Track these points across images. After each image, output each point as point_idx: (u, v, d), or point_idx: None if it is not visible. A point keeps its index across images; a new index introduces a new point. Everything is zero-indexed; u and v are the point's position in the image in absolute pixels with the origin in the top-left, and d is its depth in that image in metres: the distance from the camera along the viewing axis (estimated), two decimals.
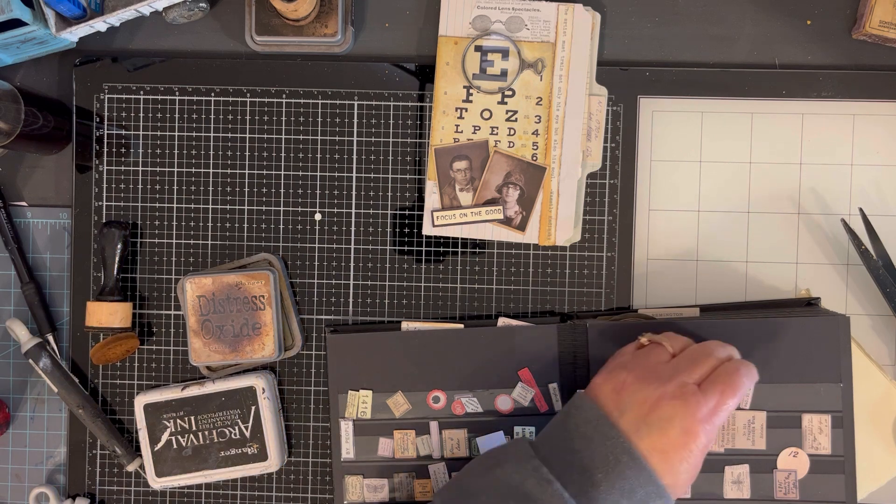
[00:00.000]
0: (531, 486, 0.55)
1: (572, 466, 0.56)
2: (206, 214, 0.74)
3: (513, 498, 0.55)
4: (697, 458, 0.57)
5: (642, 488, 0.55)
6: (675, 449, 0.56)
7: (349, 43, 0.74)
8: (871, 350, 0.72)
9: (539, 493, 0.55)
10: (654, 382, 0.58)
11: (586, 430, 0.57)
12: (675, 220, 0.73)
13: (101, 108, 0.74)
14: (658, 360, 0.60)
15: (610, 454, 0.56)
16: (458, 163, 0.72)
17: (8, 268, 0.76)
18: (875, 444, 0.69)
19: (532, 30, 0.71)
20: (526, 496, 0.55)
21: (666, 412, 0.56)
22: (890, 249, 0.70)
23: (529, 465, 0.57)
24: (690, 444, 0.56)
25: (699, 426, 0.56)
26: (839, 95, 0.72)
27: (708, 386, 0.58)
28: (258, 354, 0.71)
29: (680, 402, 0.56)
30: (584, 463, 0.56)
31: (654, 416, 0.56)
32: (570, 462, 0.56)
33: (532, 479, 0.56)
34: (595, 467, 0.56)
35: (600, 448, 0.56)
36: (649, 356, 0.61)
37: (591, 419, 0.58)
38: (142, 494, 0.74)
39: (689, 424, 0.56)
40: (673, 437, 0.56)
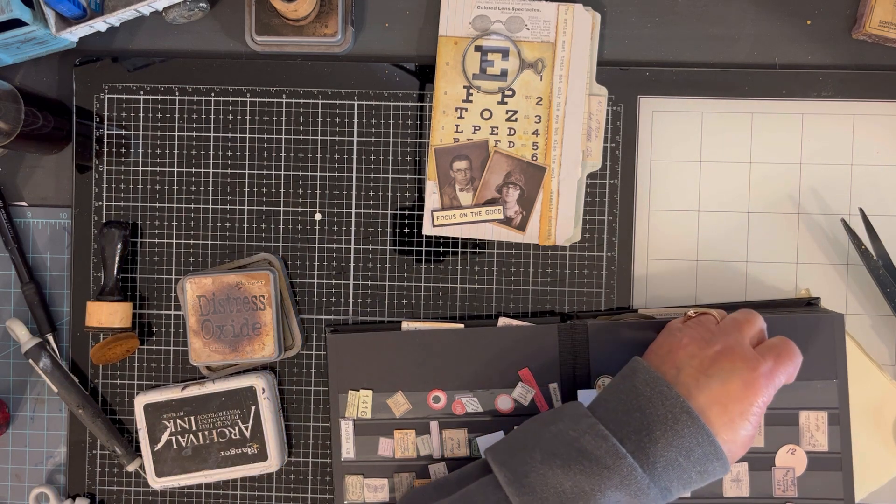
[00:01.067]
0: (587, 441, 0.55)
1: (629, 425, 0.56)
2: (206, 214, 0.74)
3: (568, 452, 0.55)
4: (756, 417, 0.57)
5: (700, 447, 0.55)
6: (735, 401, 0.56)
7: (349, 43, 0.74)
8: (871, 350, 0.72)
9: (594, 448, 0.55)
10: (711, 341, 0.59)
11: (644, 391, 0.57)
12: (675, 220, 0.73)
13: (101, 108, 0.74)
14: (709, 326, 0.61)
15: (669, 412, 0.56)
16: (458, 163, 0.72)
17: (8, 268, 0.76)
18: (875, 444, 0.69)
19: (532, 30, 0.71)
20: (581, 451, 0.55)
21: (725, 365, 0.57)
22: (890, 249, 0.70)
23: (585, 422, 0.57)
24: (751, 396, 0.56)
25: (760, 380, 0.57)
26: (839, 95, 0.72)
27: (764, 349, 0.59)
28: (258, 354, 0.71)
29: (739, 357, 0.57)
30: (642, 421, 0.56)
31: (715, 368, 0.57)
32: (627, 422, 0.56)
33: (588, 436, 0.56)
34: (653, 424, 0.55)
35: (659, 407, 0.56)
36: (700, 322, 0.62)
37: (648, 380, 0.58)
38: (142, 494, 0.75)
39: (749, 378, 0.56)
40: (733, 389, 0.56)
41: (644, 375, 0.58)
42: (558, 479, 0.55)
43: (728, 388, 0.56)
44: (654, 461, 0.55)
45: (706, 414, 0.56)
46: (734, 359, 0.57)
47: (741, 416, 0.56)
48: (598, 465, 0.54)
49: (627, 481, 0.54)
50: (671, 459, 0.55)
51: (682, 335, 0.60)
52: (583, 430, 0.56)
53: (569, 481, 0.54)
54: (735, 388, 0.56)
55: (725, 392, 0.56)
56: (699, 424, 0.55)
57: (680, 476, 0.55)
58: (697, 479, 0.56)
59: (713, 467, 0.56)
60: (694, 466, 0.55)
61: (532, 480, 0.55)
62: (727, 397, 0.56)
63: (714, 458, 0.56)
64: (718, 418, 0.56)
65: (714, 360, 0.58)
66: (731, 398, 0.56)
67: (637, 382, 0.58)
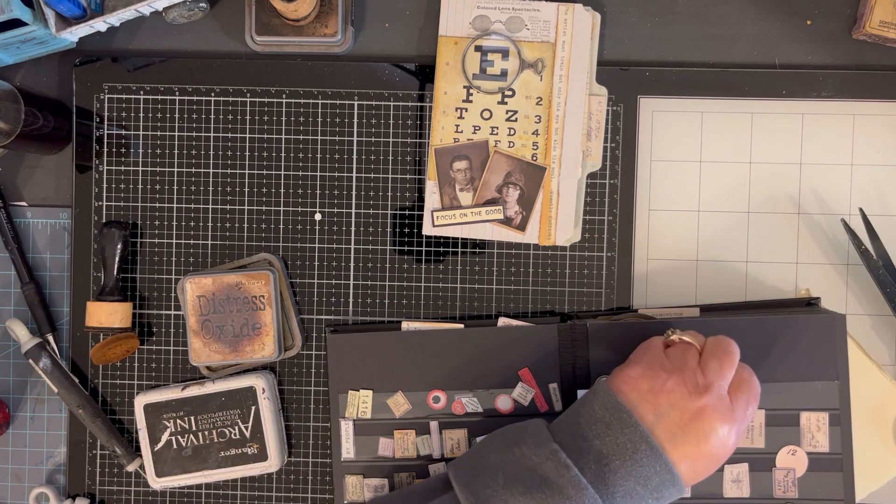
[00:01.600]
0: (549, 469, 0.56)
1: (589, 453, 0.57)
2: (206, 214, 0.74)
3: (531, 479, 0.56)
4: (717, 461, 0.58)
5: (657, 476, 0.56)
6: (706, 458, 0.57)
7: (349, 43, 0.74)
8: (871, 350, 0.72)
9: (556, 477, 0.55)
10: (694, 391, 0.58)
11: (604, 416, 0.58)
12: (675, 220, 0.73)
13: (101, 108, 0.74)
14: (694, 363, 0.60)
15: (629, 441, 0.56)
16: (458, 163, 0.72)
17: (8, 268, 0.76)
18: (875, 444, 0.69)
19: (532, 30, 0.71)
20: (543, 479, 0.55)
21: (706, 425, 0.57)
22: (890, 249, 0.70)
23: (547, 448, 0.57)
24: (722, 454, 0.57)
25: (735, 437, 0.57)
26: (839, 95, 0.72)
27: (735, 395, 0.59)
28: (258, 354, 0.71)
29: (719, 416, 0.57)
30: (602, 450, 0.56)
31: (694, 426, 0.57)
32: (587, 449, 0.57)
33: (550, 463, 0.56)
34: (613, 454, 0.56)
35: (619, 435, 0.56)
36: (686, 358, 0.60)
37: (609, 407, 0.58)
38: (142, 494, 0.74)
39: (727, 436, 0.57)
40: (707, 450, 0.57)
41: (606, 401, 0.58)
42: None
43: (702, 449, 0.57)
44: (614, 491, 0.56)
45: (662, 442, 0.56)
46: (714, 419, 0.57)
47: (707, 469, 0.57)
48: (559, 494, 0.55)
49: None
50: (629, 489, 0.56)
51: (667, 376, 0.58)
52: (545, 457, 0.56)
53: None
54: (710, 448, 0.57)
55: (700, 452, 0.57)
56: (657, 454, 0.56)
57: (637, 503, 0.56)
58: None
59: (669, 493, 0.57)
60: (651, 494, 0.56)
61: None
62: (700, 455, 0.57)
63: (671, 485, 0.57)
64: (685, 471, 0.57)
65: (695, 416, 0.57)
66: (703, 456, 0.57)
67: (597, 407, 0.58)
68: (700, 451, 0.57)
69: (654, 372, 0.59)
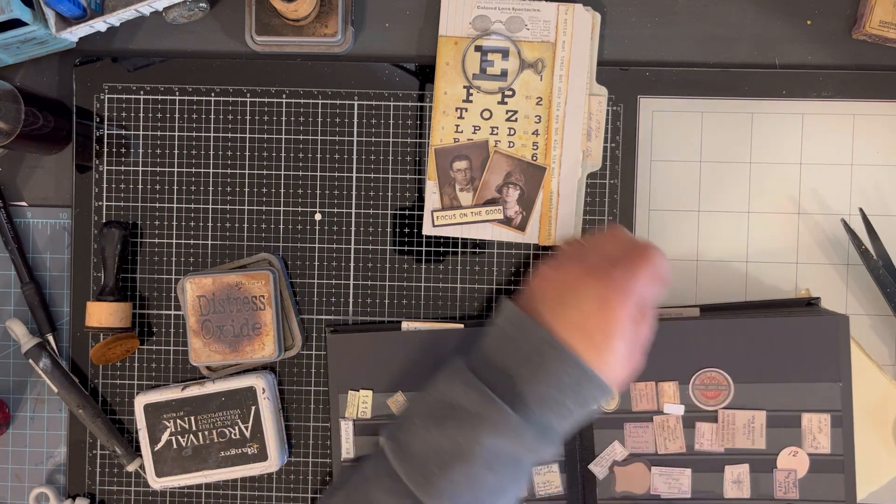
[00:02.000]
0: (459, 395, 0.55)
1: (500, 370, 0.55)
2: (206, 214, 0.74)
3: (443, 411, 0.55)
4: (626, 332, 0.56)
5: (569, 376, 0.54)
6: (593, 321, 0.55)
7: (349, 43, 0.74)
8: (871, 350, 0.72)
9: (465, 400, 0.54)
10: (568, 266, 0.57)
11: (510, 331, 0.56)
12: (675, 220, 0.73)
13: (101, 108, 0.74)
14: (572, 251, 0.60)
15: (534, 349, 0.55)
16: (458, 163, 0.72)
17: (8, 268, 0.76)
18: (875, 444, 0.69)
19: (532, 30, 0.71)
20: (453, 406, 0.54)
21: (579, 289, 0.56)
22: (890, 249, 0.70)
23: (459, 377, 0.56)
24: (607, 314, 0.55)
25: (613, 295, 0.55)
26: (839, 95, 0.72)
27: (618, 260, 0.57)
28: (258, 354, 0.71)
29: (592, 278, 0.56)
30: (510, 363, 0.55)
31: (569, 294, 0.56)
32: (497, 366, 0.56)
33: (460, 389, 0.55)
34: (521, 364, 0.55)
35: (524, 345, 0.55)
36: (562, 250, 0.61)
37: (513, 320, 0.57)
38: (142, 494, 0.74)
39: (603, 294, 0.55)
40: (588, 311, 0.55)
41: (509, 315, 0.57)
42: (436, 439, 0.54)
43: (583, 311, 0.55)
44: (526, 400, 0.54)
45: (571, 343, 0.54)
46: (587, 280, 0.56)
47: (604, 337, 0.55)
48: (469, 416, 0.53)
49: (500, 426, 0.53)
50: (543, 395, 0.54)
51: (545, 268, 0.58)
52: (456, 385, 0.55)
53: (445, 439, 0.53)
54: (590, 310, 0.55)
55: (581, 315, 0.55)
56: (564, 354, 0.54)
57: (557, 410, 0.55)
58: (576, 409, 0.55)
59: (590, 394, 0.55)
60: (568, 397, 0.54)
61: (414, 447, 0.55)
62: (585, 319, 0.55)
63: (587, 383, 0.54)
64: (582, 344, 0.55)
65: (567, 283, 0.56)
66: (587, 319, 0.55)
67: (502, 323, 0.57)
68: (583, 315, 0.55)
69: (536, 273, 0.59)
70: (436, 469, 0.53)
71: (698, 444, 0.69)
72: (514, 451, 0.53)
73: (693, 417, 0.69)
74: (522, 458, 0.54)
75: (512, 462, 0.54)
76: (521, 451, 0.54)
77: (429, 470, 0.53)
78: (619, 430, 0.69)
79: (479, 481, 0.53)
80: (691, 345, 0.68)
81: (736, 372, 0.68)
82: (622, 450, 0.69)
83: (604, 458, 0.69)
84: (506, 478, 0.54)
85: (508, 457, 0.53)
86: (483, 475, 0.53)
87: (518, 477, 0.55)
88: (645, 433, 0.69)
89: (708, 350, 0.68)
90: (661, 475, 0.69)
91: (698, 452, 0.69)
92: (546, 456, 0.55)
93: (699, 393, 0.68)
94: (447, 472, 0.53)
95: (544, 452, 0.55)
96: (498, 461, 0.53)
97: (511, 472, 0.54)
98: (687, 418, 0.69)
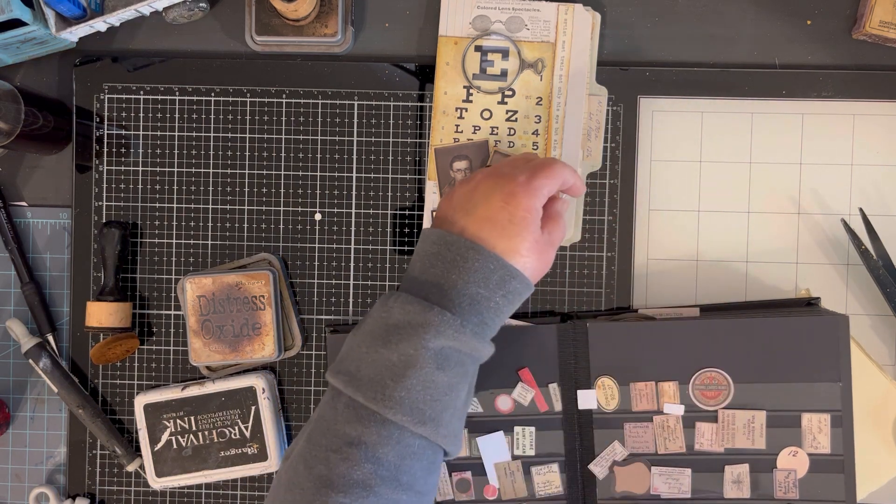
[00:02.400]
0: (397, 313, 0.58)
1: (429, 284, 0.59)
2: (206, 214, 0.74)
3: (385, 332, 0.58)
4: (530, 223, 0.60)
5: (494, 273, 0.59)
6: (499, 213, 0.59)
7: (349, 43, 0.74)
8: (871, 350, 0.72)
9: (404, 315, 0.57)
10: (476, 175, 0.63)
11: (432, 249, 0.60)
12: (675, 220, 0.73)
13: (101, 108, 0.74)
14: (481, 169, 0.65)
15: (457, 255, 0.59)
16: (458, 163, 0.72)
17: (8, 268, 0.76)
18: (875, 444, 0.69)
19: (532, 30, 0.71)
20: (395, 325, 0.58)
21: (486, 187, 0.61)
22: (890, 249, 0.70)
23: (392, 300, 0.59)
24: (512, 205, 0.59)
25: (518, 189, 0.60)
26: (839, 95, 0.72)
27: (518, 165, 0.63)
28: (258, 354, 0.71)
29: (498, 178, 0.61)
30: (438, 274, 0.59)
31: (477, 194, 0.61)
32: (427, 281, 0.59)
33: (396, 309, 0.58)
34: (448, 272, 0.59)
35: (447, 255, 0.59)
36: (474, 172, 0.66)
37: (433, 240, 0.60)
38: (142, 494, 0.74)
39: (508, 188, 0.60)
40: (495, 204, 0.59)
41: (430, 237, 0.61)
42: (385, 356, 0.57)
43: (490, 205, 0.60)
44: (459, 302, 0.58)
45: (481, 235, 0.59)
46: (493, 180, 0.61)
47: (510, 222, 0.59)
48: (410, 327, 0.57)
49: (441, 328, 0.57)
50: (473, 294, 0.58)
51: (457, 184, 0.63)
52: (392, 307, 0.58)
53: (394, 354, 0.57)
54: (496, 202, 0.59)
55: (489, 208, 0.60)
56: (484, 253, 0.58)
57: (487, 306, 0.59)
58: (504, 304, 0.59)
59: (514, 287, 0.59)
60: (495, 293, 0.59)
61: (364, 371, 0.57)
62: (491, 212, 0.59)
63: (511, 279, 0.59)
64: (491, 233, 0.59)
65: (476, 186, 0.61)
66: (494, 211, 0.59)
67: (426, 245, 0.61)
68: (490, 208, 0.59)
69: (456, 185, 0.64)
70: (390, 382, 0.56)
71: (698, 444, 0.69)
72: (457, 348, 0.58)
73: (693, 417, 0.69)
74: (465, 357, 0.59)
75: (456, 359, 0.58)
76: (463, 348, 0.58)
77: (384, 385, 0.57)
78: (619, 430, 0.69)
79: (431, 382, 0.57)
80: (691, 345, 0.68)
81: (736, 372, 0.68)
82: (622, 450, 0.69)
83: (604, 458, 0.69)
84: (454, 376, 0.58)
85: (453, 354, 0.58)
86: (434, 375, 0.57)
87: (463, 373, 0.59)
88: (645, 433, 0.69)
89: (708, 350, 0.68)
90: (661, 475, 0.69)
91: (698, 452, 0.69)
92: (484, 354, 0.60)
93: (699, 393, 0.68)
94: (402, 381, 0.56)
95: (483, 350, 0.59)
96: (445, 360, 0.57)
97: (457, 369, 0.58)
98: (687, 418, 0.69)
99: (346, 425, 0.57)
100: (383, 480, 0.56)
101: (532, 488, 0.70)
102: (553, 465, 0.70)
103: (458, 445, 0.60)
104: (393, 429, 0.56)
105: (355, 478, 0.55)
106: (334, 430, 0.57)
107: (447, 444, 0.59)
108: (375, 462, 0.56)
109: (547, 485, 0.70)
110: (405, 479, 0.57)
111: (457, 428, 0.60)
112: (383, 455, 0.56)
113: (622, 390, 0.69)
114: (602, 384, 0.69)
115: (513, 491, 0.71)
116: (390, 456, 0.56)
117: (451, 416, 0.58)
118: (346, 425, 0.57)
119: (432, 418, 0.57)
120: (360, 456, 0.56)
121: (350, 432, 0.56)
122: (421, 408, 0.57)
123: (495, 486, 0.71)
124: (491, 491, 0.71)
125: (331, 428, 0.57)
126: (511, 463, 0.70)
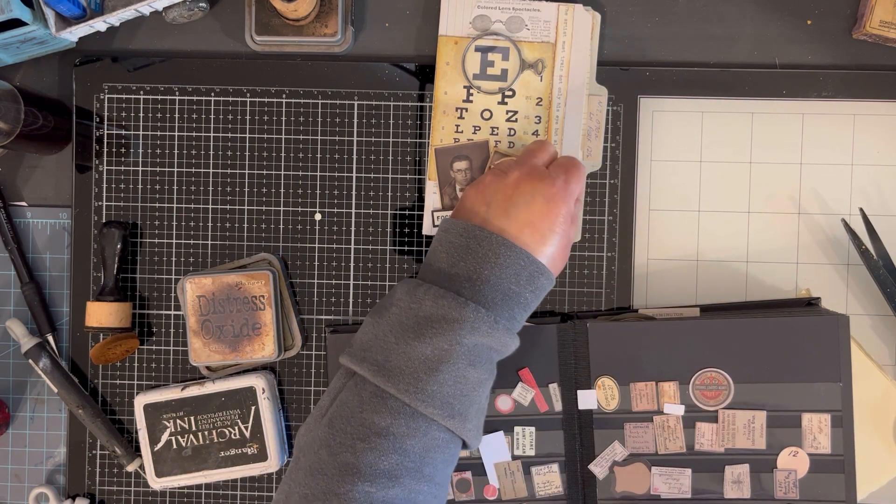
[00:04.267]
0: (429, 307, 0.58)
1: (459, 277, 0.59)
2: (206, 214, 0.74)
3: (417, 323, 0.58)
4: (563, 227, 0.61)
5: (525, 270, 0.59)
6: (541, 218, 0.60)
7: (349, 43, 0.74)
8: (871, 350, 0.72)
9: (437, 309, 0.58)
10: (508, 171, 0.63)
11: (460, 242, 0.60)
12: (675, 220, 0.73)
13: (101, 108, 0.74)
14: (509, 162, 0.65)
15: (489, 251, 0.59)
16: (459, 163, 0.72)
17: (8, 268, 0.76)
18: (875, 444, 0.69)
19: (532, 30, 0.71)
20: (428, 318, 0.58)
21: (526, 188, 0.61)
22: (890, 249, 0.70)
23: (421, 292, 0.59)
24: (553, 211, 0.61)
25: (559, 193, 0.61)
26: (839, 95, 0.72)
27: (555, 167, 0.64)
28: (258, 354, 0.71)
29: (537, 178, 0.61)
30: (469, 268, 0.59)
31: (517, 195, 0.61)
32: (457, 275, 0.59)
33: (428, 301, 0.58)
34: (480, 267, 0.59)
35: (478, 250, 0.59)
36: (498, 165, 0.65)
37: (461, 232, 0.61)
38: (142, 494, 0.74)
39: (549, 193, 0.61)
40: (536, 209, 0.60)
41: (456, 229, 0.61)
42: (417, 350, 0.57)
43: (532, 209, 0.60)
44: (492, 297, 0.59)
45: (521, 238, 0.60)
46: (532, 181, 0.61)
47: (550, 230, 0.61)
48: (446, 322, 0.57)
49: (477, 324, 0.57)
50: (505, 290, 0.59)
51: (483, 177, 0.64)
52: (421, 299, 0.58)
53: (428, 347, 0.57)
54: (539, 207, 0.60)
55: (531, 213, 0.60)
56: (517, 250, 0.59)
57: (518, 302, 0.60)
58: (532, 299, 0.61)
59: (541, 283, 0.61)
60: (525, 288, 0.60)
61: (395, 363, 0.57)
62: (534, 217, 0.60)
63: (539, 275, 0.60)
64: (531, 237, 0.60)
65: (515, 186, 0.61)
66: (537, 216, 0.60)
67: (452, 237, 0.61)
68: (533, 212, 0.60)
69: (471, 185, 0.64)
70: (424, 375, 0.57)
71: (698, 444, 0.69)
72: (489, 345, 0.59)
73: (693, 417, 0.69)
74: (493, 353, 0.60)
75: (486, 356, 0.59)
76: (494, 344, 0.59)
77: (418, 378, 0.57)
78: (619, 430, 0.69)
79: (463, 378, 0.58)
80: (691, 345, 0.68)
81: (736, 372, 0.68)
82: (622, 450, 0.69)
83: (604, 458, 0.69)
84: (484, 372, 0.59)
85: (484, 351, 0.59)
86: (466, 371, 0.58)
87: (491, 370, 0.60)
88: (645, 433, 0.69)
89: (708, 350, 0.68)
90: (661, 475, 0.69)
91: (698, 452, 0.69)
92: (511, 348, 0.61)
93: (699, 393, 0.68)
94: (435, 375, 0.57)
95: (512, 344, 0.60)
96: (477, 357, 0.58)
97: (487, 365, 0.59)
98: (687, 418, 0.69)
99: (373, 415, 0.57)
100: (408, 471, 0.56)
101: (532, 488, 0.70)
102: (553, 466, 0.70)
103: (479, 439, 0.61)
104: (422, 421, 0.57)
105: (382, 468, 0.56)
106: (360, 418, 0.57)
107: (471, 437, 0.59)
108: (402, 453, 0.56)
109: (547, 485, 0.70)
110: (427, 471, 0.57)
111: (480, 422, 0.61)
112: (410, 447, 0.57)
113: (622, 390, 0.69)
114: (602, 384, 0.69)
115: (513, 491, 0.71)
116: (417, 448, 0.57)
117: (476, 411, 0.59)
118: (373, 415, 0.57)
119: (460, 412, 0.58)
120: (388, 446, 0.56)
121: (378, 422, 0.57)
122: (451, 402, 0.57)
123: (495, 486, 0.71)
124: (491, 491, 0.71)
125: (356, 415, 0.58)
126: (511, 463, 0.71)
